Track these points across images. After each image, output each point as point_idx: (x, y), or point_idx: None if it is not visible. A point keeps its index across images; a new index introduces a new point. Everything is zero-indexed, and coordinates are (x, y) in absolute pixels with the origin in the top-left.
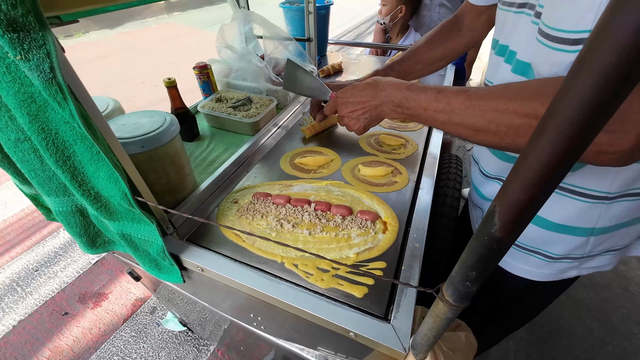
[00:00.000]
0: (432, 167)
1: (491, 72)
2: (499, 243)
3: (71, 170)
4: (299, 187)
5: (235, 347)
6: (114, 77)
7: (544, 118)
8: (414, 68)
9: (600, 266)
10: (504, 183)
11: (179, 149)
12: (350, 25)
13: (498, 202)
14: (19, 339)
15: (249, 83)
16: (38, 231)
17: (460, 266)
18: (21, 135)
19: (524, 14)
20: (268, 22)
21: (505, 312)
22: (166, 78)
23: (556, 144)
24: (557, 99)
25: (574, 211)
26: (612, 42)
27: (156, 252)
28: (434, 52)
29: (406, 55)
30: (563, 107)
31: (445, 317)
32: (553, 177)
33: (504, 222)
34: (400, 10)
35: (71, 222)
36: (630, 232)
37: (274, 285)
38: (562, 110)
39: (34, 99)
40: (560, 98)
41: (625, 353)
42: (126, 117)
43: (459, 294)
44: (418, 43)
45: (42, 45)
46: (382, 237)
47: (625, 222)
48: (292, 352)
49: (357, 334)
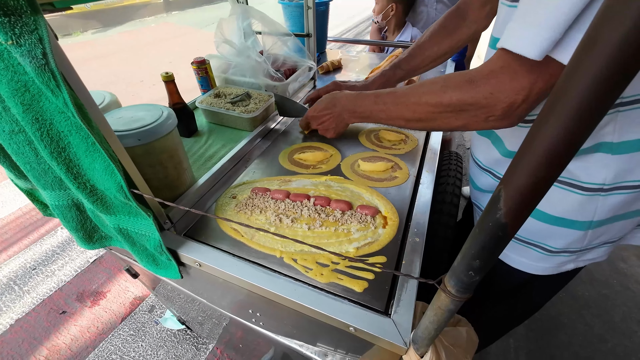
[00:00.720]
0: (432, 163)
1: None
2: (504, 229)
3: (66, 163)
4: (298, 183)
5: (234, 345)
6: (112, 77)
7: (549, 101)
8: (422, 64)
9: (596, 258)
10: (509, 167)
11: (177, 143)
12: (350, 25)
13: (503, 187)
14: (16, 337)
15: (247, 79)
16: (35, 230)
17: (463, 255)
18: (15, 126)
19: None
20: (267, 18)
21: (505, 308)
22: (164, 72)
23: (562, 126)
24: (564, 81)
25: (573, 204)
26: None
27: (153, 246)
28: (440, 47)
29: (412, 52)
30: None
31: (447, 309)
32: (559, 159)
33: (509, 207)
34: (391, 9)
35: (67, 216)
36: (627, 225)
37: (273, 279)
38: (568, 93)
39: (28, 88)
40: (565, 80)
41: (625, 351)
42: (123, 111)
43: (462, 284)
44: (422, 38)
45: (34, 30)
46: (382, 231)
47: (620, 215)
48: (292, 349)
49: (358, 328)
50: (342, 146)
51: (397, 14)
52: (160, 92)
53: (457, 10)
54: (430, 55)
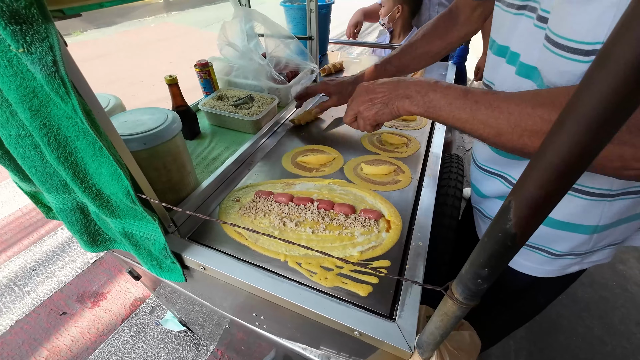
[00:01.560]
0: (434, 166)
1: (491, 72)
2: (513, 239)
3: (73, 167)
4: (301, 186)
5: (235, 347)
6: (112, 77)
7: (564, 112)
8: (412, 62)
9: (600, 260)
10: (520, 178)
11: (181, 146)
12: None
13: (513, 198)
14: (17, 339)
15: (250, 81)
16: (35, 230)
17: (471, 263)
18: (22, 131)
19: (524, 16)
20: (269, 20)
21: (507, 310)
22: (167, 75)
23: (576, 138)
24: (579, 93)
25: (578, 209)
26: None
27: (158, 250)
28: (431, 46)
29: (404, 49)
30: (584, 101)
31: (454, 315)
32: (571, 172)
33: (519, 218)
34: (397, 10)
35: (72, 219)
36: (631, 227)
37: (278, 283)
38: (583, 104)
39: (36, 94)
40: (581, 91)
41: (624, 352)
42: (127, 114)
43: (469, 291)
44: (415, 37)
45: (45, 38)
46: (385, 235)
47: (625, 218)
48: (294, 352)
49: (362, 333)
50: (344, 149)
51: (403, 16)
52: (159, 92)
53: (450, 12)
54: (421, 54)
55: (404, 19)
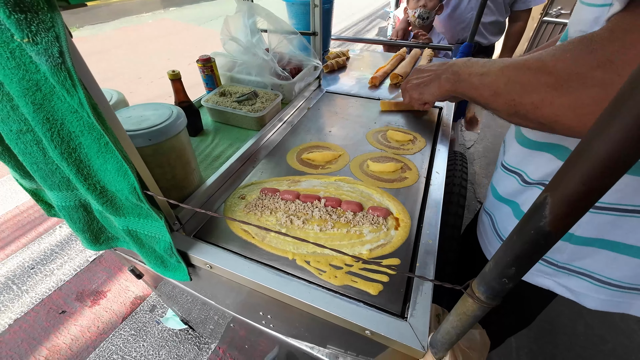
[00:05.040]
0: (441, 163)
1: None
2: (547, 238)
3: (76, 163)
4: (307, 183)
5: (237, 345)
6: (109, 73)
7: (616, 100)
8: None
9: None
10: (557, 173)
11: (185, 143)
12: (348, 23)
13: (550, 194)
14: (15, 337)
15: (253, 77)
16: (34, 228)
17: (496, 262)
18: (24, 126)
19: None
20: (272, 15)
21: (514, 311)
22: (170, 70)
23: (625, 132)
24: (630, 83)
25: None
26: None
27: (163, 249)
28: None
29: None
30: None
31: (473, 315)
32: (618, 168)
33: (555, 215)
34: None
35: (74, 217)
36: (601, 259)
37: (287, 282)
38: (635, 97)
39: (40, 87)
40: (633, 82)
41: (626, 350)
42: (131, 110)
43: (493, 291)
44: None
45: (51, 28)
46: (394, 233)
47: (600, 240)
48: (300, 350)
49: (374, 332)
50: (349, 146)
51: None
52: (158, 89)
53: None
54: None
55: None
